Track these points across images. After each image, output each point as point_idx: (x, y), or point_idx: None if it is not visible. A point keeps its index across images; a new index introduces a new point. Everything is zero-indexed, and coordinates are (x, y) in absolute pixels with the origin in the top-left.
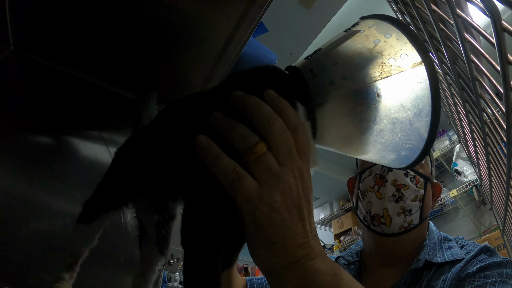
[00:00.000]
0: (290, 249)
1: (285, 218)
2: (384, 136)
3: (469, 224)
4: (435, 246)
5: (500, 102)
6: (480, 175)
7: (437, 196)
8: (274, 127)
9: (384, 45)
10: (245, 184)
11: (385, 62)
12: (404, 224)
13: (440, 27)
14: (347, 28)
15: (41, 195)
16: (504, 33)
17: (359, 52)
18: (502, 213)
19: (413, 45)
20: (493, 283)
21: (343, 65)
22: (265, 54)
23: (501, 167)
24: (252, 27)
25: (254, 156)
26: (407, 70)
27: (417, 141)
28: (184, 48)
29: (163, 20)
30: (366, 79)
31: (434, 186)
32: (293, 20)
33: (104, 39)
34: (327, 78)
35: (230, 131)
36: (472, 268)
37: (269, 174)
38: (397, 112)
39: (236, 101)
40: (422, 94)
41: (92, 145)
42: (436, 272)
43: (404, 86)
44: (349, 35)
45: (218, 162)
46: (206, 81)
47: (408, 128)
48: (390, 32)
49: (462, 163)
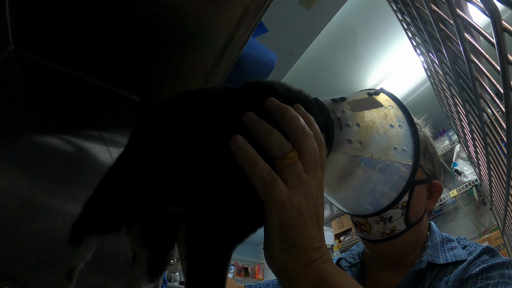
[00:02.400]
0: (308, 251)
1: (307, 222)
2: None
3: (469, 224)
4: (438, 247)
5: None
6: (480, 175)
7: (437, 195)
8: (308, 138)
9: (396, 133)
10: (279, 187)
11: (391, 148)
12: (385, 231)
13: (440, 27)
14: (369, 90)
15: (41, 195)
16: (504, 33)
17: (377, 127)
18: (502, 213)
19: (414, 149)
20: (495, 284)
21: (363, 131)
22: (265, 54)
23: (501, 167)
24: (252, 27)
25: (288, 162)
26: (401, 163)
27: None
28: (184, 48)
29: (163, 20)
30: (374, 153)
31: (432, 186)
32: (293, 20)
33: (104, 39)
34: (348, 134)
35: (267, 135)
36: (474, 269)
37: (299, 180)
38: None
39: (272, 108)
40: (400, 182)
41: (92, 145)
42: (438, 273)
43: (393, 171)
44: (374, 104)
45: (256, 164)
46: (206, 81)
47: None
48: (402, 124)
49: (462, 163)
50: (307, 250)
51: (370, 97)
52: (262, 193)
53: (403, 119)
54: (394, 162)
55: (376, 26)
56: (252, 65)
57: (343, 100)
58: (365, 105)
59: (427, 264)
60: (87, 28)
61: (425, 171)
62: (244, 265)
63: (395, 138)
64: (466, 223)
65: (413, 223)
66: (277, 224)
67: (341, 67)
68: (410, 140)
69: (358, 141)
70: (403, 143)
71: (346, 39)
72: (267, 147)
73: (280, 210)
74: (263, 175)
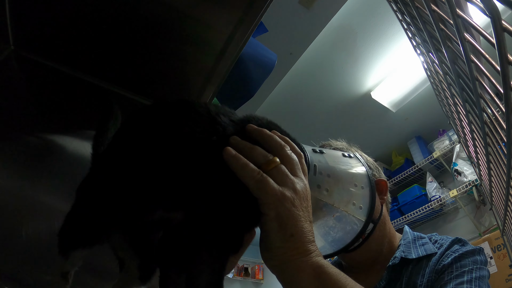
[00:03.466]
0: (304, 243)
1: (300, 214)
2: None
3: (469, 224)
4: (410, 244)
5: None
6: (480, 175)
7: (385, 190)
8: (286, 148)
9: (358, 192)
10: (270, 182)
11: (350, 202)
12: None
13: (440, 27)
14: (344, 152)
15: (41, 195)
16: (504, 33)
17: (344, 183)
18: (502, 213)
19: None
20: (470, 271)
21: (331, 182)
22: (265, 54)
23: (501, 167)
24: (252, 27)
25: (273, 165)
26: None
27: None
28: (184, 48)
29: (163, 20)
30: (336, 202)
31: (378, 184)
32: (293, 20)
33: (104, 39)
34: (319, 181)
35: (252, 149)
36: (447, 259)
37: (286, 179)
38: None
39: (252, 131)
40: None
41: None
42: (414, 268)
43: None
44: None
45: (246, 167)
46: (206, 81)
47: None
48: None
49: (462, 163)
50: (303, 241)
51: (345, 158)
52: (256, 191)
53: (367, 182)
54: (350, 215)
55: (376, 26)
56: (252, 65)
57: (322, 153)
58: (341, 164)
59: (400, 260)
60: (87, 28)
61: None
62: (244, 265)
63: (355, 196)
64: (466, 223)
65: (377, 218)
66: (274, 215)
67: (341, 67)
68: (368, 201)
69: (326, 189)
70: (361, 202)
71: (346, 39)
72: (253, 158)
73: (275, 202)
74: (254, 174)
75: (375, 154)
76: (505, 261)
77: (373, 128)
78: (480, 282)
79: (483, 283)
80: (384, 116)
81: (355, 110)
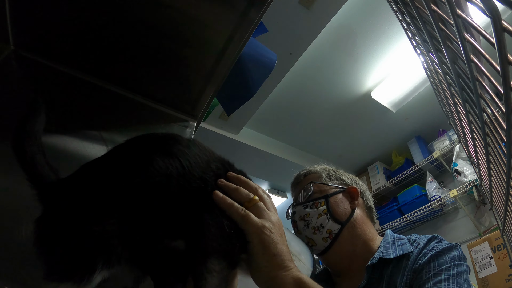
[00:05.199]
0: (285, 261)
1: (278, 240)
2: None
3: (469, 224)
4: (389, 245)
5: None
6: (480, 175)
7: (356, 195)
8: (260, 190)
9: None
10: (252, 217)
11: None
12: (324, 235)
13: (440, 27)
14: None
15: None
16: (504, 33)
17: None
18: (502, 213)
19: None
20: (448, 268)
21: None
22: (265, 54)
23: (501, 167)
24: (252, 27)
25: (254, 202)
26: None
27: None
28: (184, 48)
29: (163, 20)
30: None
31: (346, 192)
32: (293, 20)
33: (104, 39)
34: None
35: (236, 190)
36: (424, 258)
37: (265, 213)
38: None
39: (232, 177)
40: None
41: (92, 145)
42: (394, 268)
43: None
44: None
45: (232, 205)
46: (206, 81)
47: None
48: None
49: (462, 163)
50: (284, 259)
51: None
52: (242, 223)
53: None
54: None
55: (376, 26)
56: (252, 65)
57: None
58: (294, 237)
59: (378, 260)
60: (87, 28)
61: (335, 186)
62: None
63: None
64: (466, 223)
65: (345, 220)
66: (258, 241)
67: (341, 67)
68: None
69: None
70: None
71: (346, 39)
72: (237, 197)
73: (257, 231)
74: (239, 211)
75: (375, 154)
76: (505, 261)
77: (373, 128)
78: (458, 279)
79: (461, 279)
80: (384, 116)
81: (355, 110)
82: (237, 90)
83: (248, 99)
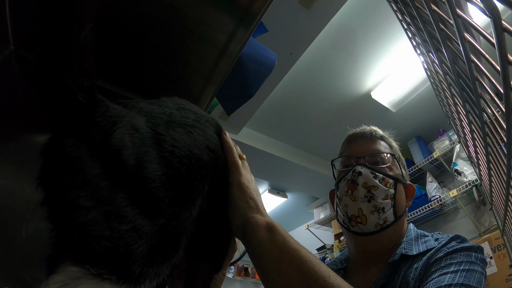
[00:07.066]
0: (259, 207)
1: (255, 192)
2: None
3: (469, 224)
4: (412, 242)
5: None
6: (480, 175)
7: (411, 196)
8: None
9: None
10: (240, 164)
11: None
12: (379, 221)
13: (440, 27)
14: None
15: (41, 195)
16: (504, 33)
17: None
18: (502, 213)
19: None
20: (459, 263)
21: None
22: (265, 54)
23: (501, 167)
24: (252, 27)
25: (244, 159)
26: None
27: None
28: (184, 48)
29: (163, 20)
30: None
31: (406, 187)
32: (293, 20)
33: (104, 38)
34: None
35: (235, 145)
36: (440, 254)
37: (248, 170)
38: None
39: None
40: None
41: None
42: (412, 263)
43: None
44: None
45: (233, 148)
46: (206, 81)
47: None
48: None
49: (462, 163)
50: (259, 206)
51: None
52: (231, 166)
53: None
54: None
55: (376, 26)
56: (252, 65)
57: None
58: None
59: (400, 256)
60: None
61: (401, 174)
62: (244, 265)
63: None
64: (466, 223)
65: (399, 216)
66: (238, 184)
67: (341, 67)
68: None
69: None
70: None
71: (346, 39)
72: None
73: (239, 174)
74: (235, 155)
75: None
76: (505, 261)
77: None
78: (468, 274)
79: (471, 276)
80: (384, 116)
81: (355, 110)
82: (237, 90)
83: (248, 99)
